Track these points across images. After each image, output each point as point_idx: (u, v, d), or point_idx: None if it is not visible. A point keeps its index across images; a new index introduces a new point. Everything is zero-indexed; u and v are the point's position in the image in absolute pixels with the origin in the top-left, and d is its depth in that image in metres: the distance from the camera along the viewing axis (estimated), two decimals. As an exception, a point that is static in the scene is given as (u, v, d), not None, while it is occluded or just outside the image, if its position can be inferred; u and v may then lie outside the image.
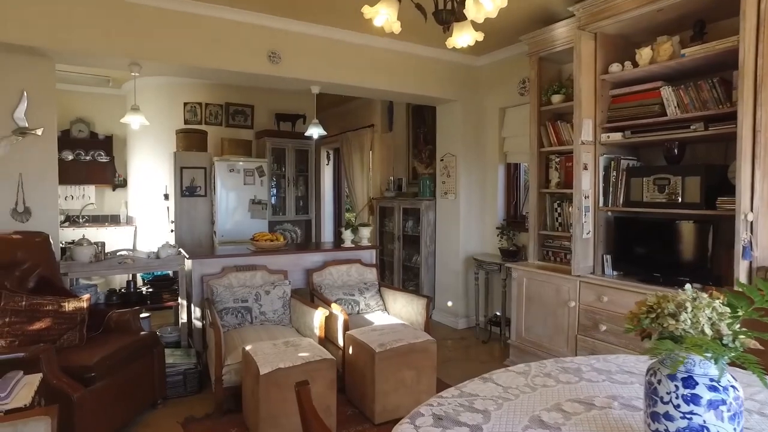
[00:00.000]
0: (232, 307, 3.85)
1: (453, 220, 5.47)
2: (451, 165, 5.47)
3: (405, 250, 6.12)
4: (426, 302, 4.00)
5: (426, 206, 5.68)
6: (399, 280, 6.11)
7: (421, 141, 6.36)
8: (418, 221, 5.90)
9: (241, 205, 5.83)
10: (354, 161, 7.56)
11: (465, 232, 5.42)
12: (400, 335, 3.40)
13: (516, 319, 4.18)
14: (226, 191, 5.74)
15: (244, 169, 5.81)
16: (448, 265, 5.57)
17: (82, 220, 6.59)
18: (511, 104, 5.10)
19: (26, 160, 3.70)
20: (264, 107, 6.65)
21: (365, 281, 4.52)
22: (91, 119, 6.79)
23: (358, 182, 7.51)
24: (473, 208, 5.45)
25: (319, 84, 4.60)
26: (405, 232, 6.05)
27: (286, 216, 6.41)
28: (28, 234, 3.48)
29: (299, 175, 6.59)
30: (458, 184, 5.39)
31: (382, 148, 7.16)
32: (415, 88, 5.01)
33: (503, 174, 5.33)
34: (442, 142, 5.64)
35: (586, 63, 3.49)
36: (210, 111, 6.34)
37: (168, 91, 6.31)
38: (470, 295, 5.47)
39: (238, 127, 6.50)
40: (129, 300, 4.02)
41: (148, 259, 3.93)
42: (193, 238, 5.78)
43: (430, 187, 5.80)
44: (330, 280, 4.43)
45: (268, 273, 4.21)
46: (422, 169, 6.34)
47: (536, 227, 4.24)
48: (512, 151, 5.20)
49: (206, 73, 4.33)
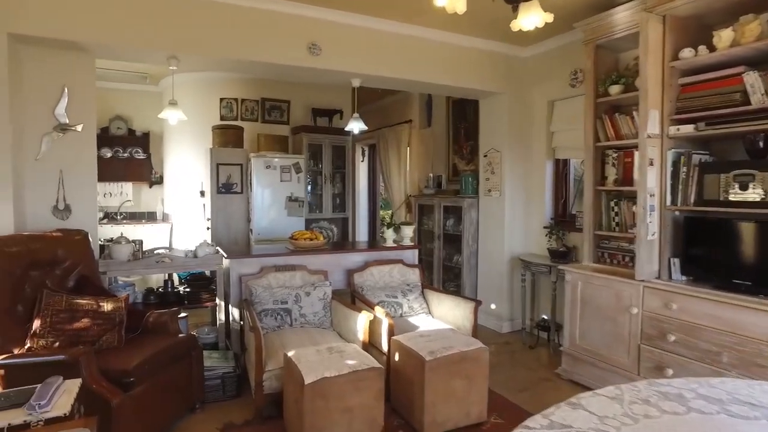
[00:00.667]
0: (272, 308, 3.72)
1: (497, 218, 5.23)
2: (495, 161, 5.23)
3: (445, 249, 5.90)
4: (474, 306, 3.78)
5: (468, 204, 5.45)
6: (439, 281, 5.90)
7: (462, 137, 6.12)
8: (459, 219, 5.67)
9: (278, 203, 5.72)
10: (391, 158, 7.38)
11: (510, 232, 5.17)
12: (450, 342, 3.20)
13: (569, 325, 3.92)
14: (262, 188, 5.63)
15: (280, 166, 5.69)
16: (492, 265, 5.33)
17: (120, 217, 6.59)
18: (560, 97, 4.82)
19: (66, 157, 3.64)
20: (300, 102, 6.53)
21: (408, 282, 4.33)
22: (128, 116, 6.79)
23: (395, 179, 7.32)
24: (519, 206, 5.20)
25: (360, 77, 4.42)
26: (445, 230, 5.83)
27: (322, 214, 6.28)
28: (68, 232, 3.41)
29: (336, 171, 6.45)
30: (503, 181, 5.14)
31: (420, 145, 6.95)
32: (459, 81, 4.78)
33: (551, 170, 5.05)
34: (485, 138, 5.40)
35: (654, 49, 3.20)
36: (246, 106, 6.25)
37: (204, 86, 6.25)
38: (515, 297, 5.22)
39: (274, 122, 6.39)
40: (166, 300, 3.93)
41: (185, 258, 3.83)
42: (230, 236, 5.70)
43: (473, 185, 5.56)
44: (371, 281, 4.25)
45: (308, 273, 4.06)
46: (463, 166, 6.11)
47: (591, 227, 3.97)
48: (561, 146, 4.92)
49: (244, 66, 4.20)
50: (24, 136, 3.49)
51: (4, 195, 3.25)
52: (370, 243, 5.19)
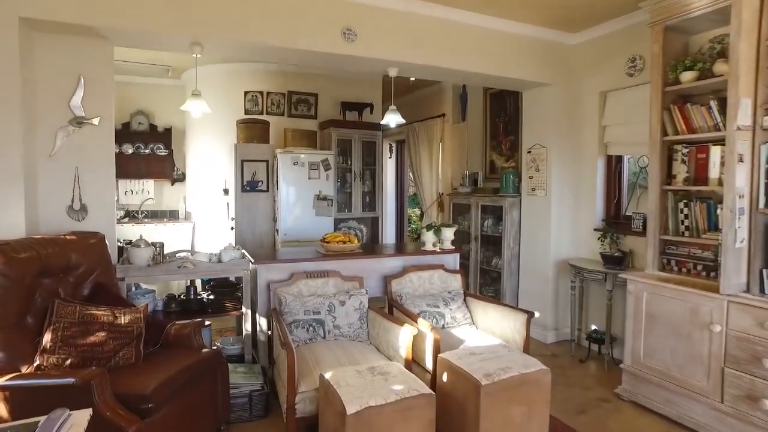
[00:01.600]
0: (303, 319, 3.37)
1: (542, 219, 4.81)
2: (540, 157, 4.80)
3: (483, 251, 5.50)
4: (527, 318, 3.38)
5: (510, 204, 5.04)
6: (475, 285, 5.51)
7: (500, 131, 5.70)
8: (498, 220, 5.26)
9: (305, 202, 5.38)
10: (422, 154, 6.99)
11: (556, 234, 4.74)
12: (506, 362, 2.81)
13: (631, 340, 3.49)
14: (288, 186, 5.29)
15: (308, 162, 5.34)
16: (536, 270, 4.91)
17: (141, 216, 6.33)
18: (614, 87, 4.37)
19: (83, 152, 3.33)
20: (328, 96, 6.17)
21: (449, 290, 3.94)
22: (150, 111, 6.52)
23: (426, 177, 6.93)
24: (566, 206, 4.77)
25: (397, 65, 4.04)
26: (483, 231, 5.42)
27: (351, 213, 5.92)
28: (83, 235, 3.10)
29: (366, 168, 6.08)
30: (549, 179, 4.72)
31: (454, 140, 6.55)
32: (502, 70, 4.36)
33: (603, 168, 4.60)
34: (529, 132, 4.97)
35: (748, 27, 2.76)
36: (272, 100, 5.92)
37: (228, 79, 5.93)
38: (561, 305, 4.80)
39: (301, 117, 6.05)
40: (189, 308, 3.61)
41: (209, 263, 3.50)
42: (254, 236, 5.37)
43: (514, 183, 5.14)
44: (410, 288, 3.88)
45: (342, 280, 3.70)
46: (502, 163, 5.69)
47: (656, 231, 3.53)
48: (615, 142, 4.47)
49: (272, 53, 3.85)
50: (37, 131, 3.19)
51: (15, 195, 2.95)
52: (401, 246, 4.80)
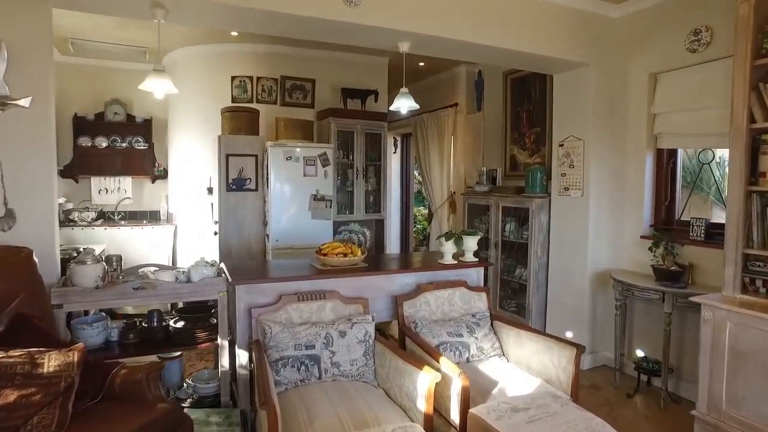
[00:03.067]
0: (293, 356, 2.61)
1: (578, 224, 4.04)
2: (575, 152, 4.02)
3: (504, 260, 4.74)
4: (576, 354, 2.62)
5: (538, 205, 4.27)
6: (495, 298, 4.74)
7: (523, 122, 4.92)
8: (522, 224, 4.50)
9: (300, 202, 4.60)
10: (431, 148, 6.21)
11: (595, 241, 3.97)
12: (560, 420, 2.06)
13: (708, 381, 2.73)
14: (281, 184, 4.52)
15: (303, 157, 4.57)
16: (568, 282, 4.14)
17: (117, 218, 5.55)
18: (669, 67, 3.60)
19: (7, 142, 2.56)
20: (327, 81, 5.38)
21: (473, 312, 3.17)
22: (128, 100, 5.73)
23: (436, 173, 6.16)
24: (606, 209, 3.99)
25: (409, 37, 3.26)
26: (504, 237, 4.66)
27: (353, 215, 5.15)
28: (4, 251, 2.34)
29: (369, 164, 5.29)
30: (586, 177, 3.94)
31: (467, 133, 5.77)
32: (532, 46, 3.59)
33: (651, 164, 3.83)
34: (561, 123, 4.20)
35: None
36: (262, 86, 5.13)
37: (212, 62, 5.14)
38: (600, 324, 4.04)
39: (296, 105, 5.26)
40: (152, 338, 2.84)
41: (175, 284, 2.73)
42: (241, 242, 4.61)
43: (542, 181, 4.37)
44: (426, 311, 3.11)
45: (342, 302, 2.93)
46: (525, 158, 4.91)
47: (739, 243, 2.76)
48: (668, 133, 3.70)
49: (252, 19, 3.04)
50: (-55, 113, 2.42)
51: None
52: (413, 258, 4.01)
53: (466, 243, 3.38)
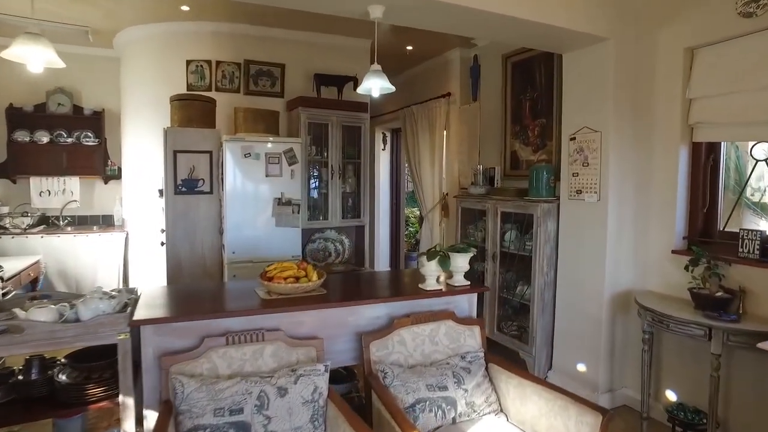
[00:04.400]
0: (212, 425, 1.87)
1: (593, 234, 3.27)
2: (590, 146, 3.26)
3: (503, 274, 3.97)
4: (602, 422, 1.87)
5: (544, 211, 3.50)
6: (492, 319, 3.98)
7: (526, 113, 4.15)
8: (524, 232, 3.74)
9: (261, 207, 3.85)
10: (421, 144, 5.45)
11: (615, 256, 3.21)
12: None
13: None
14: (238, 186, 3.76)
15: (265, 154, 3.81)
16: (581, 304, 3.38)
17: (63, 223, 4.81)
18: (713, 38, 2.82)
19: None
20: (299, 67, 4.61)
21: (463, 353, 2.42)
22: (74, 89, 4.97)
23: (427, 172, 5.40)
24: (629, 216, 3.23)
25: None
26: (503, 247, 3.89)
27: (328, 221, 4.39)
28: None
29: (348, 162, 4.53)
30: (604, 178, 3.18)
31: (462, 126, 5.00)
32: (538, 13, 2.82)
33: (686, 161, 3.05)
34: (572, 112, 3.43)
35: None
36: (223, 72, 4.37)
37: (165, 44, 4.38)
38: (619, 355, 3.28)
39: (262, 94, 4.50)
40: (28, 395, 2.09)
41: (54, 326, 1.98)
42: (194, 255, 3.85)
43: (549, 182, 3.60)
44: (401, 353, 2.36)
45: (287, 345, 2.18)
46: (528, 155, 4.15)
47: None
48: (708, 123, 2.92)
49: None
50: None
51: None
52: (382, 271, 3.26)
53: (455, 263, 2.62)
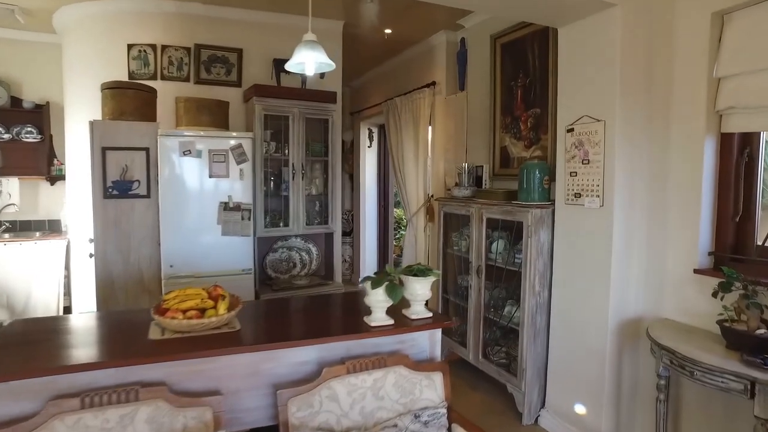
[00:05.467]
0: None
1: (594, 247, 2.62)
2: (591, 140, 2.61)
3: (490, 289, 3.34)
4: None
5: (535, 219, 2.86)
6: (477, 343, 3.34)
7: (518, 102, 3.51)
8: (514, 242, 3.10)
9: (206, 213, 3.25)
10: (405, 140, 4.83)
11: (621, 274, 2.56)
12: None
13: None
14: (177, 188, 3.17)
15: (209, 151, 3.22)
16: (580, 333, 2.74)
17: (0, 230, 4.25)
18: (749, 1, 2.17)
19: None
20: (259, 53, 3.99)
21: (418, 410, 1.80)
22: (12, 80, 4.40)
23: (411, 172, 4.78)
24: (639, 225, 2.58)
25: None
26: (489, 260, 3.25)
27: (289, 229, 3.77)
28: None
29: (314, 160, 3.90)
30: (608, 178, 2.53)
31: (448, 119, 4.37)
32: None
33: (713, 157, 2.40)
34: (570, 98, 2.78)
35: None
36: (170, 58, 3.77)
37: (104, 26, 3.78)
38: (626, 400, 2.63)
39: (216, 83, 3.89)
40: None
41: None
42: (128, 270, 3.24)
43: (542, 183, 2.96)
44: (332, 414, 1.73)
45: (170, 406, 1.57)
46: (520, 151, 3.51)
47: None
48: (742, 108, 2.26)
49: None
50: None
51: None
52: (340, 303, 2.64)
53: (412, 290, 1.99)
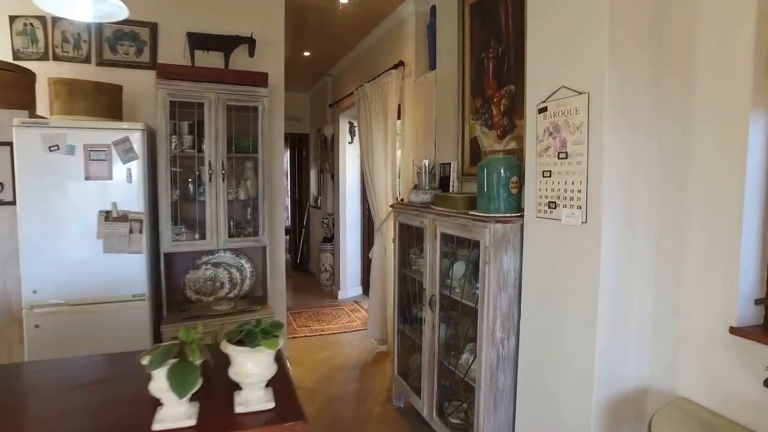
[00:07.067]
0: None
1: (574, 279, 1.72)
2: (570, 122, 1.70)
3: (448, 325, 2.46)
4: None
5: (496, 237, 1.96)
6: (431, 395, 2.47)
7: (489, 77, 2.61)
8: (476, 265, 2.19)
9: (83, 223, 2.50)
10: (374, 132, 3.98)
11: (612, 324, 1.65)
12: None
13: None
14: (41, 192, 2.42)
15: (85, 146, 2.47)
16: (552, 406, 1.84)
17: None
18: None
19: None
20: (179, 29, 3.19)
21: None
22: None
23: (380, 171, 3.93)
24: (642, 252, 1.65)
25: None
26: (447, 287, 2.37)
27: (206, 242, 2.95)
28: None
29: (243, 158, 3.07)
30: (594, 180, 1.62)
31: (417, 105, 3.50)
32: None
33: (764, 145, 1.46)
34: (540, 61, 1.87)
35: None
36: (64, 34, 3.04)
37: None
38: None
39: (125, 65, 3.13)
40: None
41: None
42: (-12, 293, 2.55)
43: (508, 186, 2.06)
44: None
45: None
46: (492, 143, 2.61)
47: None
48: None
49: None
50: None
51: None
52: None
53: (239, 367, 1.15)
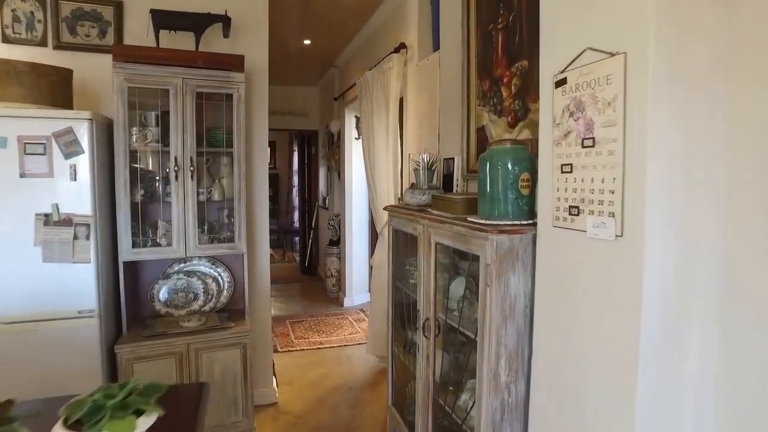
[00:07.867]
0: None
1: (606, 316, 1.23)
2: (600, 96, 1.20)
3: (447, 355, 2.00)
4: None
5: (500, 251, 1.48)
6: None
7: (498, 53, 2.12)
8: (477, 283, 1.72)
9: (17, 229, 2.14)
10: (375, 125, 3.53)
11: (659, 378, 1.15)
12: None
13: None
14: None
15: (19, 138, 2.10)
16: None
17: None
18: None
19: None
20: (147, 8, 2.80)
21: None
22: None
23: (382, 168, 3.48)
24: (709, 284, 1.15)
25: None
26: (444, 312, 1.91)
27: (172, 248, 2.55)
28: None
29: (216, 153, 2.66)
30: (634, 177, 1.12)
31: (421, 92, 3.03)
32: None
33: None
34: (559, 18, 1.38)
35: None
36: (14, 12, 2.68)
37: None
38: None
39: (85, 49, 2.76)
40: None
41: None
42: None
43: (516, 184, 1.58)
44: None
45: None
46: (501, 132, 2.12)
47: None
48: None
49: None
50: None
51: None
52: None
53: None
